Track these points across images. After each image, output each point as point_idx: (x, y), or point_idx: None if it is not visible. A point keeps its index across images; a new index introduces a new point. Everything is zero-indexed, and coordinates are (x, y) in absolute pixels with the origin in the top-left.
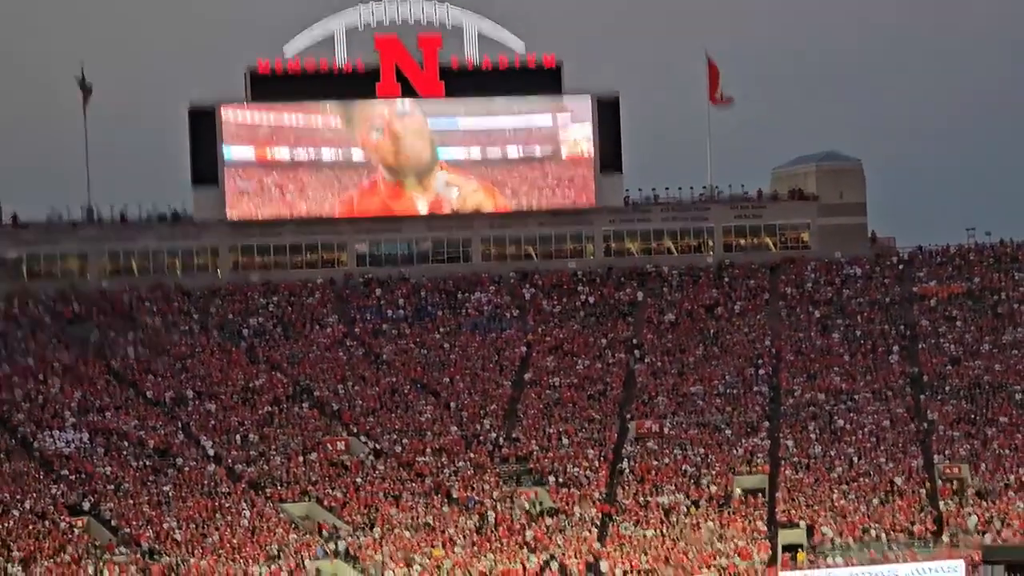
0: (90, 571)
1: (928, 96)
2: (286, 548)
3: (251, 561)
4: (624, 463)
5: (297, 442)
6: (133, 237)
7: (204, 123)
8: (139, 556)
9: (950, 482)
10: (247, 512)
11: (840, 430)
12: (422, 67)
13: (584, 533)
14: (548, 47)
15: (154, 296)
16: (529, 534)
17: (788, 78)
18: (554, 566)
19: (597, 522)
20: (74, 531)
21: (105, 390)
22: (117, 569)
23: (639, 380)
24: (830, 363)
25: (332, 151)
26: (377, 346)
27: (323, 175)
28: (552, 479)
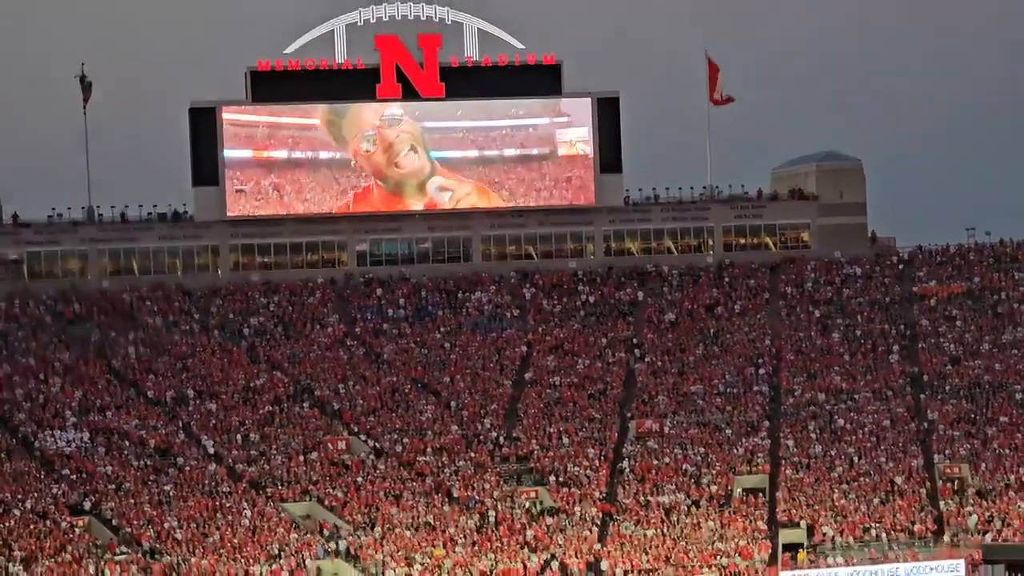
0: (91, 571)
1: (928, 96)
2: (287, 548)
3: (252, 561)
4: (624, 462)
5: (298, 442)
6: (134, 237)
7: (205, 123)
8: (140, 556)
9: (950, 482)
10: (248, 512)
11: (840, 430)
12: (422, 67)
13: (585, 532)
14: (548, 47)
15: (155, 296)
16: (530, 533)
17: (788, 78)
18: (555, 566)
19: (598, 521)
20: (75, 531)
21: (106, 390)
22: (118, 569)
23: (639, 379)
24: (830, 363)
25: (329, 154)
26: (378, 345)
27: (320, 176)
28: (553, 478)
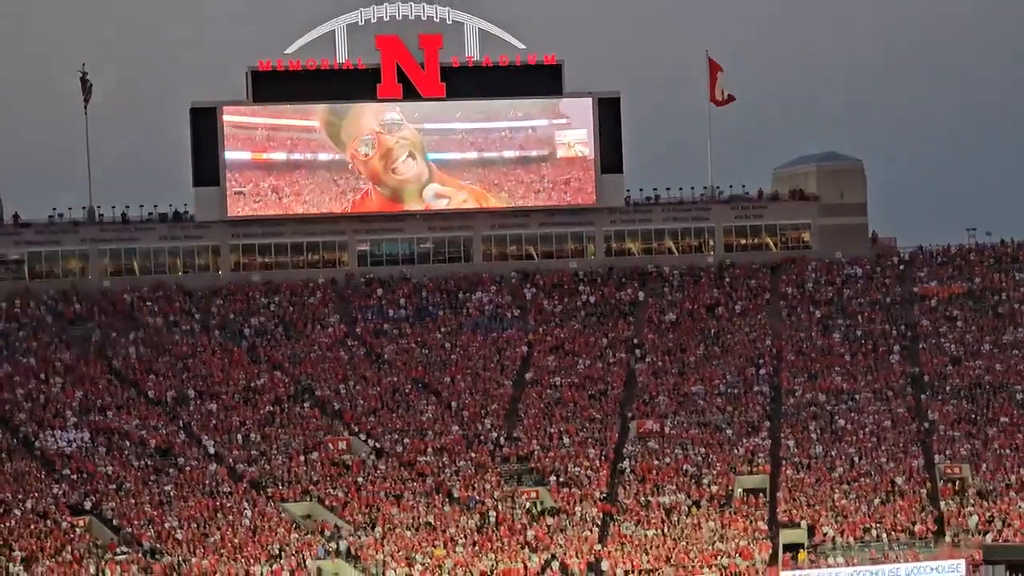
0: (92, 570)
1: (929, 96)
2: (287, 548)
3: (252, 561)
4: (625, 463)
5: (298, 442)
6: (134, 237)
7: (205, 123)
8: (140, 555)
9: (951, 482)
10: (248, 512)
11: (841, 430)
12: (423, 67)
13: (585, 533)
14: (549, 47)
15: (155, 296)
16: (530, 534)
17: (789, 78)
18: (555, 566)
19: (598, 522)
20: (76, 531)
21: (107, 390)
22: (119, 569)
23: (640, 380)
24: (831, 363)
25: (328, 156)
26: (378, 346)
27: (319, 178)
28: (553, 479)
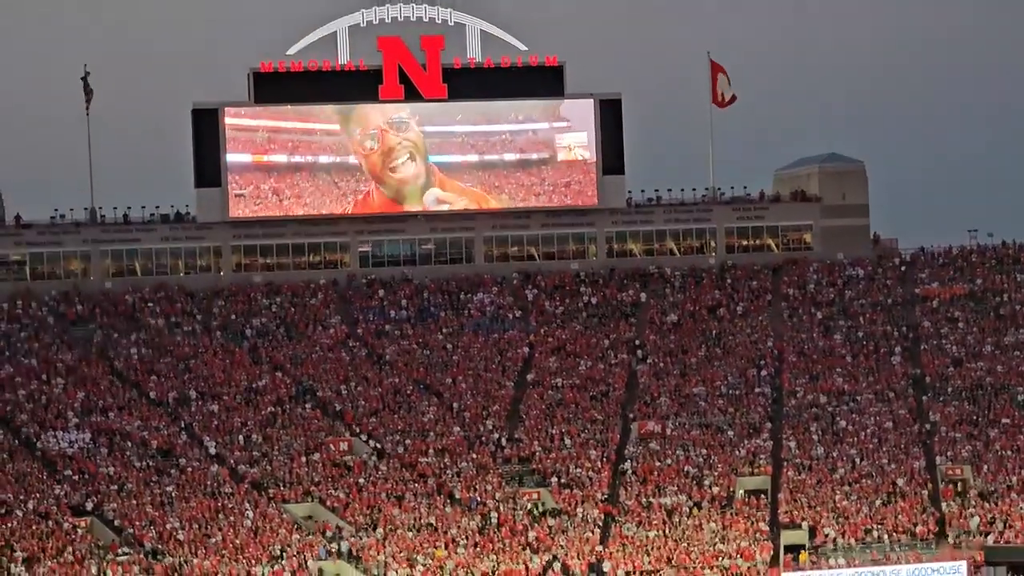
0: (93, 571)
1: (930, 98)
2: (289, 548)
3: (254, 561)
4: (626, 464)
5: (300, 443)
6: (136, 238)
7: (207, 124)
8: (142, 556)
9: (952, 483)
10: (250, 512)
11: (842, 431)
12: (425, 68)
13: (587, 534)
14: (550, 49)
15: (157, 297)
16: (532, 535)
17: (791, 80)
18: (557, 567)
19: (599, 523)
20: (77, 531)
21: (108, 390)
22: (120, 569)
23: (641, 381)
24: (832, 364)
25: (329, 158)
26: (380, 347)
27: (319, 180)
28: (555, 480)
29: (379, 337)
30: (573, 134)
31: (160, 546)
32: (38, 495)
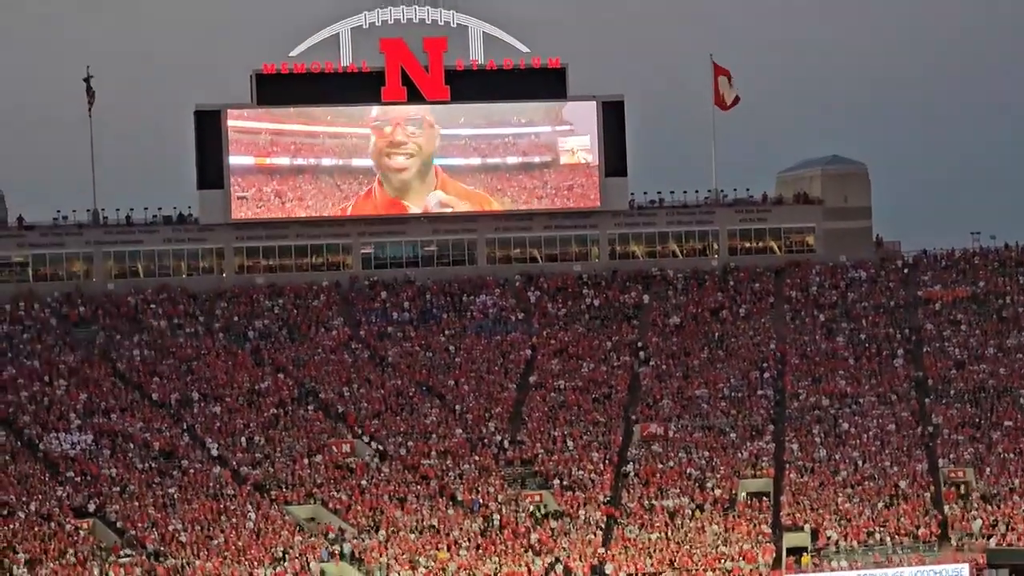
0: (95, 573)
1: (933, 100)
2: (291, 550)
3: (256, 563)
4: (629, 466)
5: (302, 444)
6: (139, 239)
7: (210, 126)
8: (144, 558)
9: (955, 486)
10: (252, 514)
11: (845, 434)
12: (427, 70)
13: (589, 536)
14: (553, 51)
15: (159, 298)
16: (534, 537)
17: (793, 82)
18: (559, 569)
19: (602, 525)
20: (79, 533)
21: (111, 392)
22: (122, 571)
23: (644, 383)
24: (835, 367)
25: (332, 160)
26: (382, 349)
27: (322, 183)
28: (557, 482)
29: (381, 339)
30: (576, 137)
31: (162, 548)
32: (40, 497)
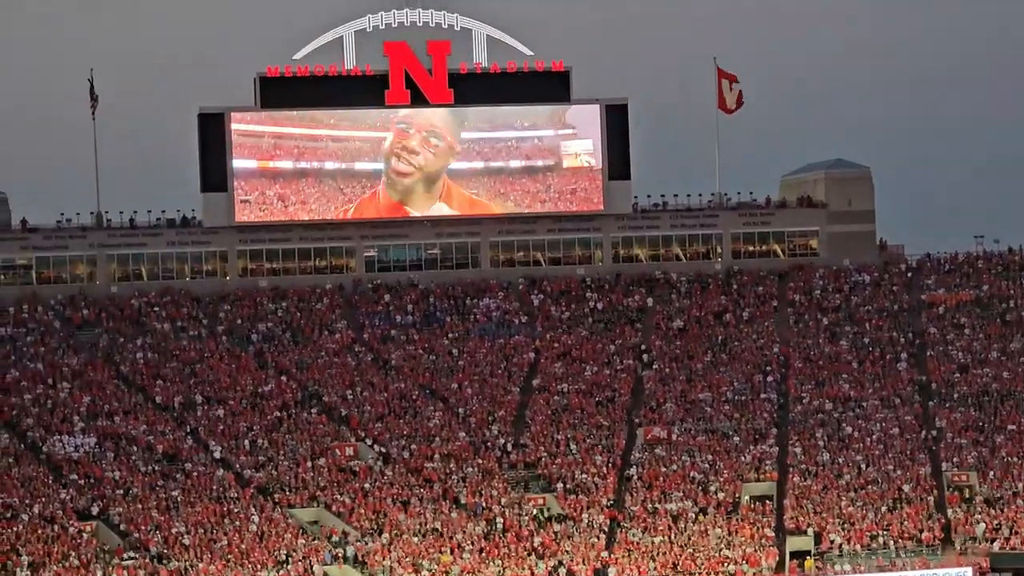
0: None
1: (936, 104)
2: (294, 553)
3: (259, 566)
4: (632, 469)
5: (305, 447)
6: (142, 242)
7: (213, 129)
8: (147, 561)
9: (958, 490)
10: (255, 517)
11: (848, 437)
12: (431, 73)
13: (592, 539)
14: (557, 54)
15: (163, 301)
16: (537, 540)
17: (797, 85)
18: (562, 572)
19: (605, 528)
20: (83, 536)
21: (114, 395)
22: (125, 574)
23: (647, 386)
24: (838, 370)
25: (335, 164)
26: (385, 352)
27: (325, 186)
28: (560, 485)
29: (385, 342)
30: (579, 141)
31: (165, 551)
32: (44, 499)
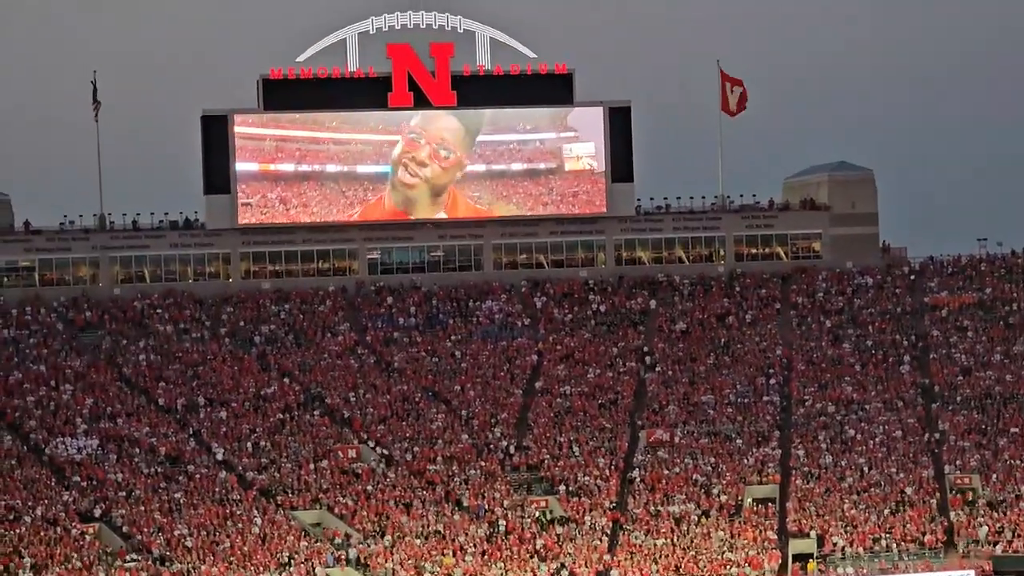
0: None
1: (940, 106)
2: (297, 555)
3: (262, 568)
4: (635, 472)
5: (308, 450)
6: (145, 244)
7: (216, 131)
8: (150, 563)
9: (961, 492)
10: (258, 519)
11: (851, 440)
12: (434, 75)
13: (595, 542)
14: (560, 56)
15: (166, 303)
16: (539, 543)
17: (800, 88)
18: (564, 575)
19: (608, 531)
20: (85, 538)
21: (117, 397)
22: None
23: (650, 389)
24: (841, 373)
25: (337, 167)
26: (388, 354)
27: (327, 190)
28: (563, 488)
29: (387, 344)
30: (580, 144)
31: (168, 553)
32: (46, 501)
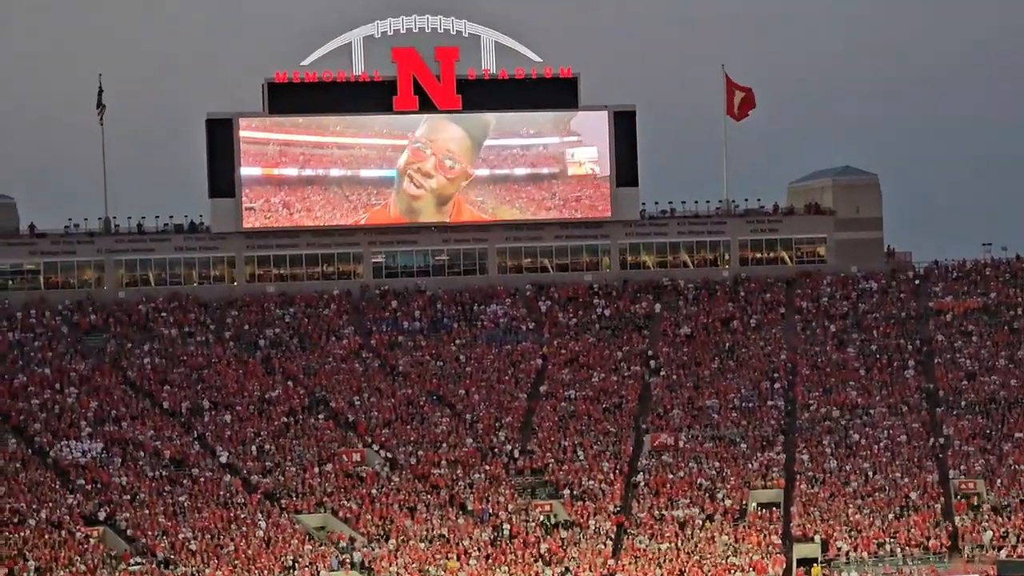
0: None
1: (944, 111)
2: (301, 559)
3: (266, 572)
4: (639, 476)
5: (312, 453)
6: (150, 248)
7: (221, 135)
8: (154, 566)
9: (965, 497)
10: (262, 523)
11: (855, 444)
12: (439, 79)
13: (599, 546)
14: (565, 60)
15: (170, 307)
16: (544, 547)
17: (805, 92)
18: None
19: (612, 535)
20: (90, 541)
21: (121, 400)
22: None
23: (654, 393)
24: (846, 377)
25: (340, 171)
26: (393, 358)
27: (331, 194)
28: (567, 492)
29: (392, 348)
30: (584, 149)
31: (172, 556)
32: (51, 504)
